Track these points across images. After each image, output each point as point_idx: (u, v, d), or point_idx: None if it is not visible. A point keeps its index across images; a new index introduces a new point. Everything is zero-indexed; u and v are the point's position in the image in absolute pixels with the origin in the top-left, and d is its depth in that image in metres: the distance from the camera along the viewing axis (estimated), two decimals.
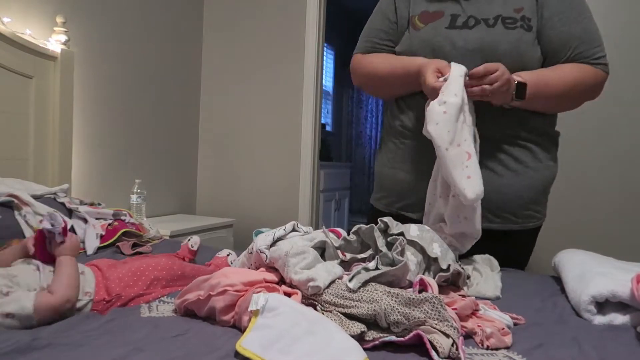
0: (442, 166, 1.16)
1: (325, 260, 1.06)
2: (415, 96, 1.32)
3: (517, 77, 1.20)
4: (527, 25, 1.25)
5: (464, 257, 1.31)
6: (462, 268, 1.10)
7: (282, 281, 0.97)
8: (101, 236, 1.50)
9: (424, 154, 1.28)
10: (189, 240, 1.39)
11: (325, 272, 0.95)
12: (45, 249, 1.00)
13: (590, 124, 2.39)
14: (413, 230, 1.10)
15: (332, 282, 0.94)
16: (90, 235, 1.48)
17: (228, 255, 1.36)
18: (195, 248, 1.37)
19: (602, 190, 2.38)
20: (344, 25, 4.79)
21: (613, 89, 2.35)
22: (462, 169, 1.13)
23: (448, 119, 1.13)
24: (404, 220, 1.21)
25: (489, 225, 1.29)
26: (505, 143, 1.29)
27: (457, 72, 1.17)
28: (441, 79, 1.18)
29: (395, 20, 1.39)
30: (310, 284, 0.90)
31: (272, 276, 0.96)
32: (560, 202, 2.44)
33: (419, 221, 1.31)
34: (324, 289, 0.91)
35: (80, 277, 0.96)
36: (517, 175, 1.29)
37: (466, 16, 1.28)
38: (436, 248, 1.08)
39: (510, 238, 1.33)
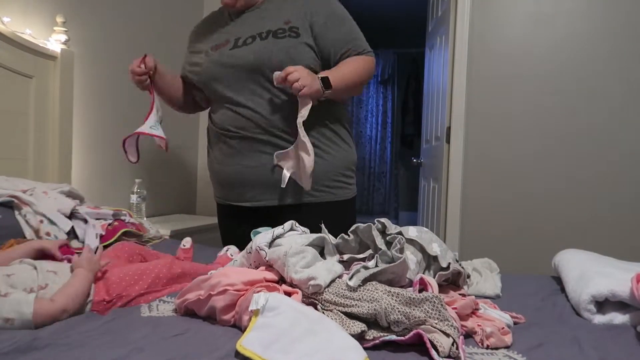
0: None
1: (324, 258, 1.06)
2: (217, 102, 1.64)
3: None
4: (295, 33, 1.49)
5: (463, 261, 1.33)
6: (462, 267, 1.10)
7: (282, 280, 0.97)
8: (101, 236, 1.50)
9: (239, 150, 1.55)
10: (227, 250, 1.42)
11: (325, 270, 0.95)
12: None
13: (589, 124, 2.39)
14: (412, 231, 1.11)
15: (333, 280, 0.95)
16: (90, 236, 1.48)
17: (227, 250, 1.36)
18: (187, 246, 1.38)
19: (602, 190, 2.38)
20: None
21: (610, 91, 2.36)
22: None
23: None
24: (237, 210, 1.59)
25: (311, 199, 1.53)
26: (313, 133, 1.51)
27: None
28: None
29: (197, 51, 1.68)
30: (311, 282, 0.90)
31: (272, 275, 0.96)
32: (560, 202, 2.44)
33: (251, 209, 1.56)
34: (325, 288, 0.91)
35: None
36: (325, 157, 1.53)
37: (245, 37, 1.53)
38: (435, 247, 1.08)
39: (330, 209, 1.53)
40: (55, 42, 2.02)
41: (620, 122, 2.35)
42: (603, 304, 1.01)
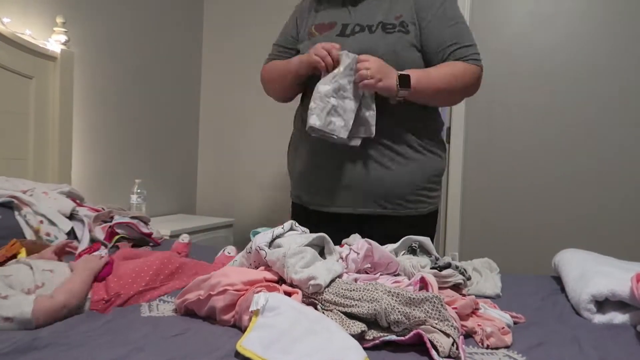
0: None
1: (324, 258, 1.06)
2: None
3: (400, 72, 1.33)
4: (405, 30, 1.40)
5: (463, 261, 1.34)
6: (464, 270, 1.10)
7: (282, 280, 0.97)
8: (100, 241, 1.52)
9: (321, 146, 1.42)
10: (181, 239, 1.44)
11: (325, 270, 0.95)
12: None
13: (589, 124, 2.39)
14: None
15: (333, 280, 0.95)
16: (85, 238, 1.48)
17: (224, 250, 1.36)
18: (186, 241, 1.40)
19: (602, 189, 2.38)
20: None
21: (610, 90, 2.36)
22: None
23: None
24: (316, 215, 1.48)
25: (383, 211, 1.42)
26: (393, 139, 1.41)
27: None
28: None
29: (296, 36, 1.58)
30: (311, 282, 0.90)
31: (271, 275, 0.96)
32: (560, 202, 2.44)
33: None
34: (325, 287, 0.91)
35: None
36: (404, 165, 1.41)
37: (353, 24, 1.44)
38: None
39: (404, 223, 1.42)
40: (55, 42, 2.02)
41: (620, 122, 2.35)
42: (603, 304, 1.01)
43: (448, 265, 1.11)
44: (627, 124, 2.34)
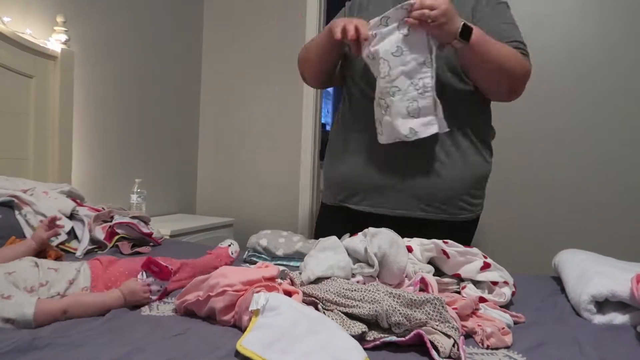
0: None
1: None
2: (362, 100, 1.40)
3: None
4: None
5: None
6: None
7: (282, 277, 0.99)
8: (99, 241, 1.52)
9: (366, 146, 1.38)
10: (230, 245, 1.34)
11: (317, 265, 0.97)
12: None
13: (589, 124, 2.39)
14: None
15: (328, 277, 0.98)
16: (85, 238, 1.48)
17: (229, 245, 1.33)
18: (234, 256, 1.32)
19: (602, 189, 2.38)
20: None
21: (610, 90, 2.36)
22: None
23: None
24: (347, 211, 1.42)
25: (420, 214, 1.35)
26: (441, 138, 1.33)
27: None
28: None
29: None
30: (303, 275, 0.97)
31: (270, 272, 0.96)
32: (560, 202, 2.44)
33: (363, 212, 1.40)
34: (312, 278, 0.96)
35: (75, 274, 0.98)
36: (449, 168, 1.34)
37: None
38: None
39: (441, 229, 1.35)
40: (55, 42, 2.02)
41: (620, 122, 2.35)
42: (603, 304, 1.01)
43: None
44: (627, 124, 2.34)
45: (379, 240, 1.07)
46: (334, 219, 1.50)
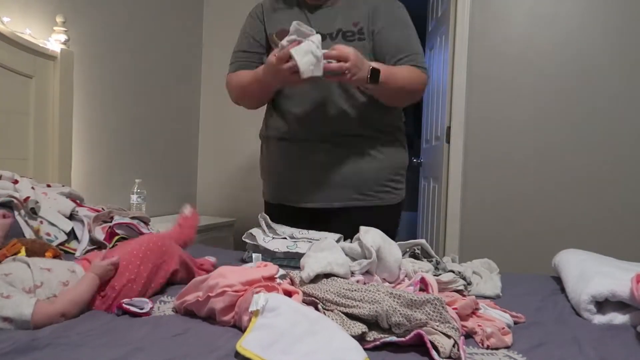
0: None
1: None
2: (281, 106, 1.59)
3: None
4: (363, 36, 1.47)
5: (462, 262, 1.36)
6: (464, 276, 1.11)
7: (281, 277, 0.99)
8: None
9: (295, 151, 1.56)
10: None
11: (315, 263, 0.98)
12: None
13: (589, 124, 2.39)
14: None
15: (327, 275, 0.99)
16: (85, 238, 1.48)
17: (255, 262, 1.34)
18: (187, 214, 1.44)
19: (602, 190, 2.38)
20: None
21: (610, 90, 2.36)
22: None
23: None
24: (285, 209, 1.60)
25: (355, 203, 1.52)
26: (363, 136, 1.52)
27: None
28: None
29: (260, 38, 1.61)
30: (303, 272, 0.97)
31: (269, 271, 0.96)
32: (560, 202, 2.44)
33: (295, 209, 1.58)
34: (311, 275, 0.97)
35: (71, 275, 0.97)
36: (373, 160, 1.53)
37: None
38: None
39: (375, 212, 1.52)
40: (55, 42, 2.02)
41: (620, 122, 2.35)
42: (603, 304, 1.01)
43: (448, 270, 1.12)
44: (627, 124, 2.34)
45: (371, 235, 1.12)
46: (278, 215, 1.63)
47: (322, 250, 1.08)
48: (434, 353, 0.75)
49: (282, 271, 1.13)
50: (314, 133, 1.51)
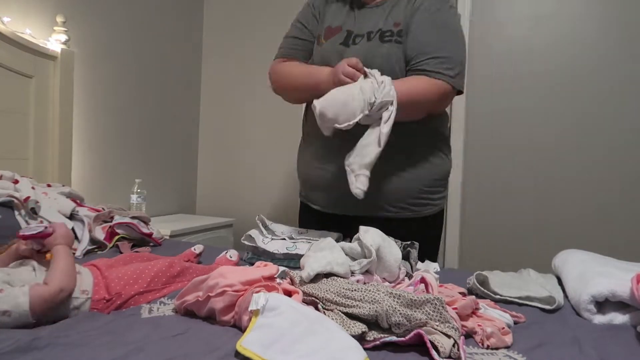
0: None
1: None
2: None
3: None
4: (398, 40, 1.36)
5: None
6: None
7: (281, 276, 0.99)
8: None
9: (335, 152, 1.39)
10: (194, 248, 1.44)
11: (315, 262, 0.98)
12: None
13: (589, 124, 2.39)
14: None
15: (327, 275, 0.99)
16: (85, 238, 1.48)
17: (226, 252, 1.36)
18: (197, 252, 1.41)
19: (602, 190, 2.38)
20: None
21: (610, 90, 2.36)
22: None
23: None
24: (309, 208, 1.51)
25: (386, 214, 1.42)
26: (400, 145, 1.36)
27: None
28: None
29: (312, 27, 1.53)
30: (303, 272, 0.97)
31: (269, 271, 0.96)
32: (560, 202, 2.44)
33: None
34: (311, 275, 0.97)
35: (77, 276, 0.96)
36: (409, 170, 1.41)
37: (355, 32, 1.42)
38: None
39: (410, 225, 1.44)
40: (55, 42, 2.02)
41: (620, 122, 2.35)
42: (603, 304, 1.01)
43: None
44: (627, 124, 2.34)
45: (371, 235, 1.12)
46: (304, 216, 1.59)
47: (322, 250, 1.08)
48: (433, 353, 0.75)
49: (282, 268, 1.14)
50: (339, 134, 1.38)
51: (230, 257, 1.34)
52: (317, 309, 0.89)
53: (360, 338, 0.80)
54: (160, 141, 2.81)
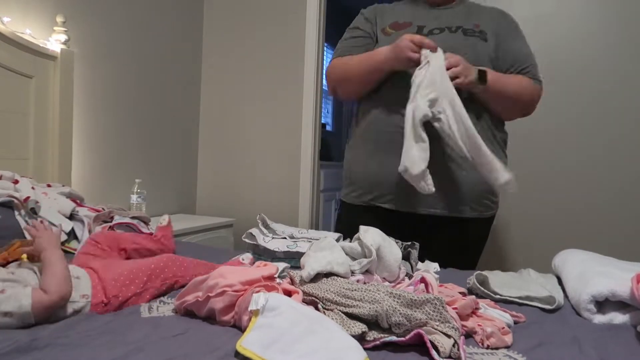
0: None
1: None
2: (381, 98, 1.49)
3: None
4: (484, 38, 1.45)
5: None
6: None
7: (281, 276, 0.99)
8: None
9: (394, 150, 1.40)
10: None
11: (315, 262, 0.98)
12: None
13: (589, 125, 2.39)
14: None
15: (327, 275, 0.99)
16: (85, 238, 1.48)
17: (239, 257, 1.34)
18: (164, 223, 1.47)
19: (602, 189, 2.38)
20: (345, 24, 4.71)
21: (610, 91, 2.36)
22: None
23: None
24: (375, 210, 1.48)
25: (447, 213, 1.44)
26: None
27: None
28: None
29: (369, 32, 1.55)
30: (303, 272, 0.97)
31: (269, 270, 0.96)
32: (560, 202, 2.44)
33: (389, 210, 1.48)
34: (312, 274, 0.97)
35: (75, 281, 0.96)
36: (473, 170, 1.40)
37: (431, 27, 1.45)
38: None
39: (466, 225, 1.48)
40: (55, 42, 2.02)
41: (621, 122, 2.35)
42: (603, 304, 1.01)
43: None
44: (627, 124, 2.34)
45: (371, 234, 1.12)
46: (362, 218, 1.50)
47: (322, 250, 1.08)
48: (433, 353, 0.75)
49: (283, 264, 1.14)
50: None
51: (243, 259, 1.32)
52: (317, 308, 0.89)
53: (360, 338, 0.80)
54: (160, 141, 2.81)
